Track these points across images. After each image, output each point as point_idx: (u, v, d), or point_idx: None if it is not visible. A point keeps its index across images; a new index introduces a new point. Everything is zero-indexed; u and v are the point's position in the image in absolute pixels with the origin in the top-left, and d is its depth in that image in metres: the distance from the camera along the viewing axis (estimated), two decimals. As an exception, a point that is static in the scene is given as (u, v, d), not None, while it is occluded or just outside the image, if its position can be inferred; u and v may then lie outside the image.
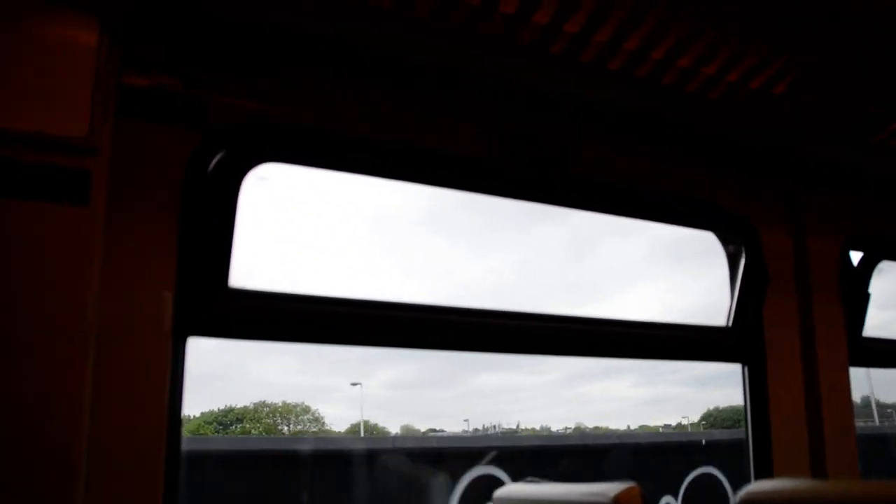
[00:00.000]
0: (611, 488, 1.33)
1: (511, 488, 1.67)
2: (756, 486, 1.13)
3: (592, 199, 2.26)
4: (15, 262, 1.30)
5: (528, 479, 1.65)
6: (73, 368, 1.31)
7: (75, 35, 1.39)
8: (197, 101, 1.70)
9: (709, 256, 2.55)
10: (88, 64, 1.39)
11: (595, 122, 2.15)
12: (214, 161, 1.69)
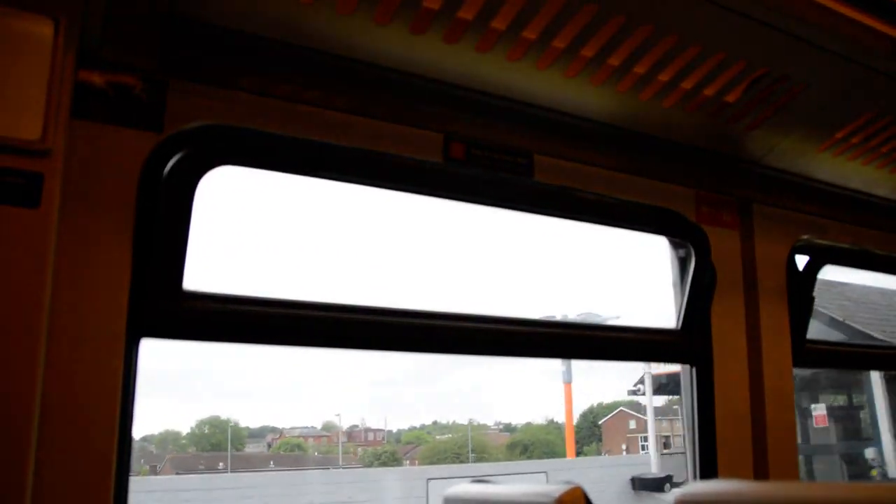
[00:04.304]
0: (555, 489, 1.37)
1: (460, 488, 1.69)
2: (693, 487, 1.16)
3: (550, 206, 2.30)
4: None
5: (477, 478, 1.68)
6: (23, 371, 1.30)
7: (30, 33, 1.37)
8: (154, 102, 1.68)
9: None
10: (44, 63, 1.37)
11: (552, 128, 2.18)
12: (171, 163, 1.68)
